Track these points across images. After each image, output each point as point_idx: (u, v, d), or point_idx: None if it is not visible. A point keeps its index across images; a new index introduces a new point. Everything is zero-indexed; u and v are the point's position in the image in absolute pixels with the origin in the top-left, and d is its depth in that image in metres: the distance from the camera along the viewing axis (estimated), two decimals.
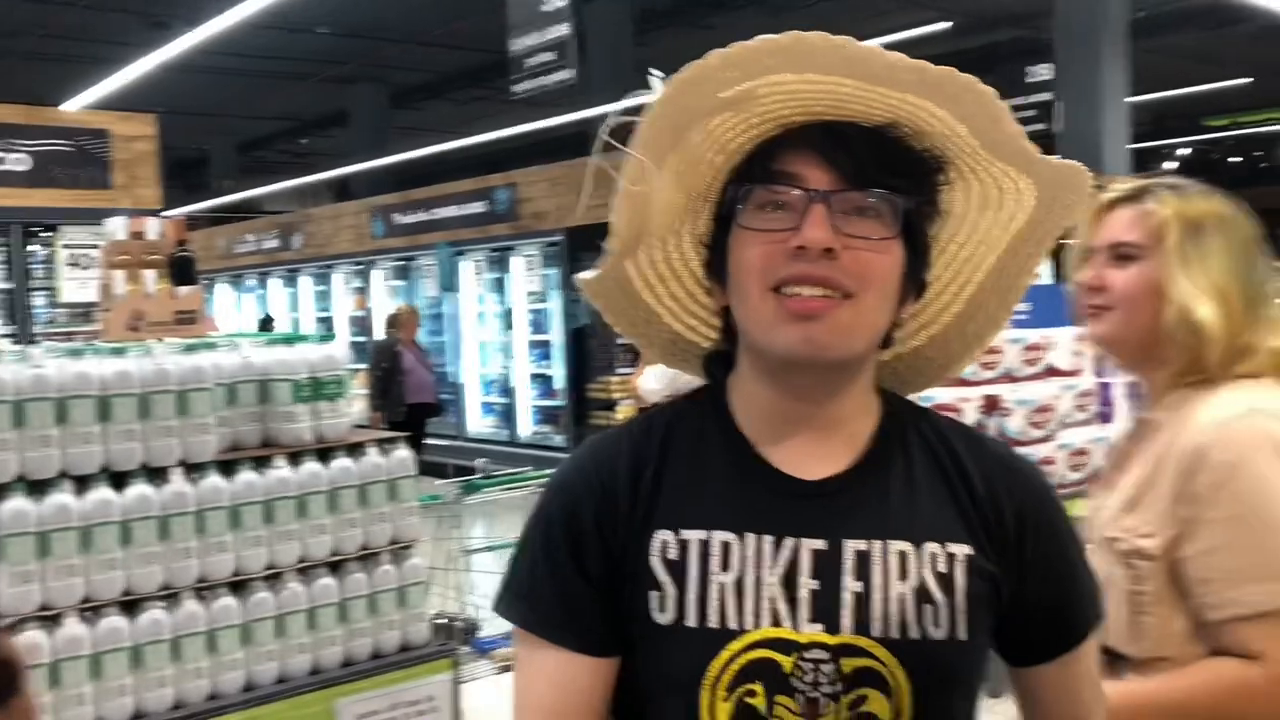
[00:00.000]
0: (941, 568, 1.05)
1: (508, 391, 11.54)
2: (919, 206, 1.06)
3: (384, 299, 12.72)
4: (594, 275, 1.13)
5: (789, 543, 1.04)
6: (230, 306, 16.22)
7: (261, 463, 3.26)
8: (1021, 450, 2.83)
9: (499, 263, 11.41)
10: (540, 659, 1.08)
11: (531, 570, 1.10)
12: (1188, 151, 24.07)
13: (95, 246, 5.18)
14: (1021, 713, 1.18)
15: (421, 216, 12.56)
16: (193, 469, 3.14)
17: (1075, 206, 1.10)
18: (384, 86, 17.30)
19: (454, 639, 3.77)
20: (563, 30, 8.91)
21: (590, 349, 10.16)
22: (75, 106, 10.03)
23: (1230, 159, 25.34)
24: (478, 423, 11.94)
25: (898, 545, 1.05)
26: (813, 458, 1.08)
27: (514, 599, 1.10)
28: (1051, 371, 4.50)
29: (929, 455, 1.11)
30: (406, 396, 9.61)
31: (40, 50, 13.83)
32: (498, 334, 11.69)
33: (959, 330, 1.20)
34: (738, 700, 1.02)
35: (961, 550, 1.06)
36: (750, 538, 1.05)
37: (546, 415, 11.22)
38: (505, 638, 4.28)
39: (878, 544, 1.05)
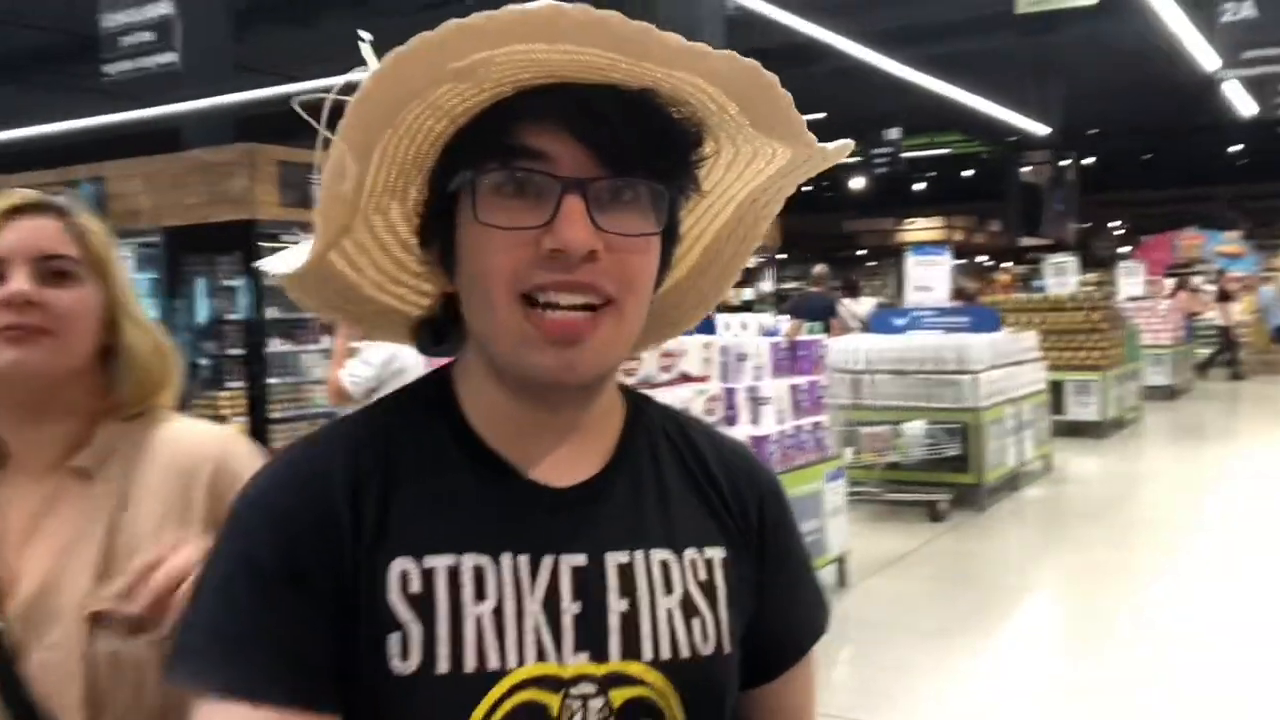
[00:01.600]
0: (703, 575, 0.96)
1: None
2: (682, 190, 0.93)
3: None
4: (286, 269, 0.93)
5: (547, 561, 0.91)
6: None
7: None
8: None
9: None
10: (239, 718, 0.82)
11: (237, 623, 0.84)
12: None
13: None
14: None
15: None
16: None
17: (824, 165, 0.98)
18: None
19: None
20: (164, 9, 8.07)
21: (194, 362, 9.28)
22: None
23: (802, 187, 30.65)
24: None
25: (659, 554, 0.95)
26: (561, 462, 0.95)
27: (215, 663, 0.83)
28: (684, 377, 4.96)
29: (675, 453, 1.02)
30: None
31: None
32: None
33: (693, 283, 1.07)
34: None
35: (718, 554, 0.98)
36: (506, 558, 0.90)
37: None
38: None
39: (639, 554, 0.94)
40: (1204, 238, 25.65)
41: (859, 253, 34.40)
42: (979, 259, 32.26)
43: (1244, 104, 15.87)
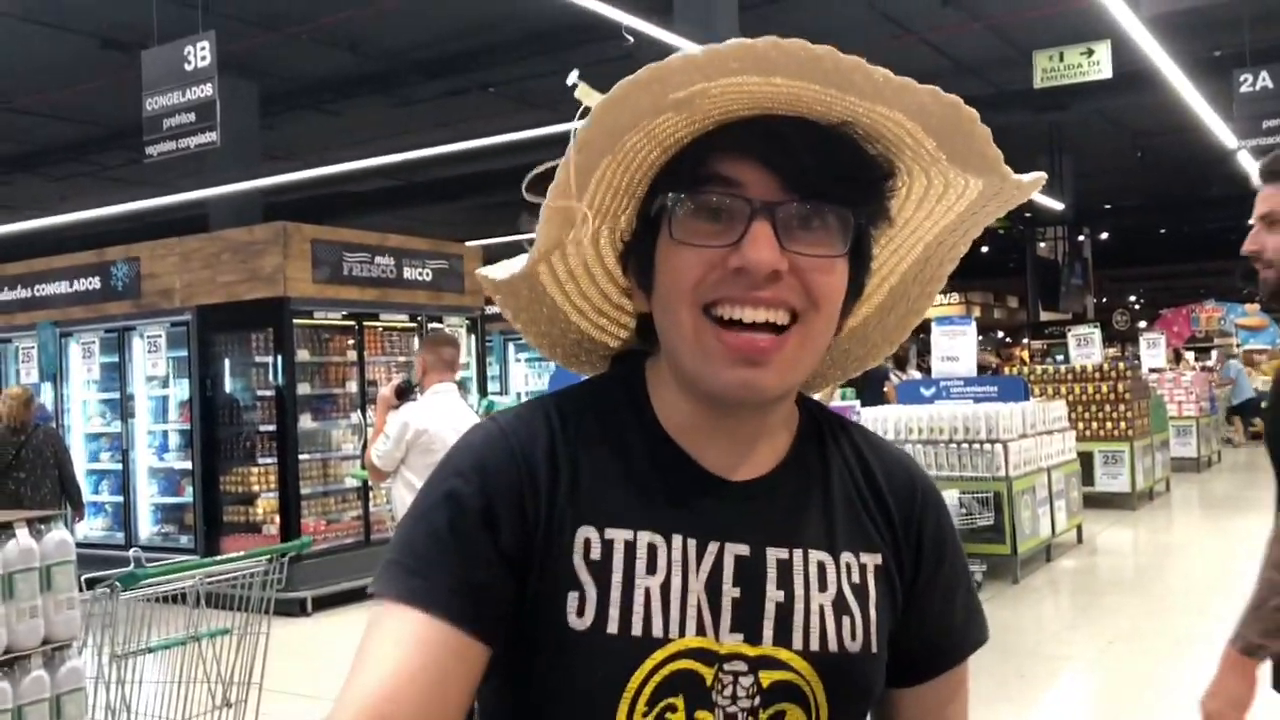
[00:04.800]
0: (856, 579, 1.01)
1: (123, 489, 10.34)
2: (870, 218, 0.97)
3: None
4: (503, 276, 1.01)
5: (713, 546, 0.98)
6: None
7: None
8: None
9: (115, 345, 10.30)
10: (411, 621, 0.89)
11: (433, 547, 0.93)
12: None
13: None
14: None
15: (20, 294, 11.14)
16: None
17: (1014, 203, 1.01)
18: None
19: None
20: (207, 90, 8.31)
21: (226, 438, 9.34)
22: None
23: None
24: (83, 526, 10.58)
25: (817, 555, 1.00)
26: (737, 460, 1.01)
27: (404, 575, 0.92)
28: None
29: (843, 462, 1.07)
30: None
31: None
32: (112, 424, 10.52)
33: (879, 321, 1.13)
34: (657, 716, 0.94)
35: (872, 560, 1.03)
36: (677, 539, 0.97)
37: (170, 514, 10.15)
38: None
39: (798, 552, 1.00)
40: (1223, 310, 25.69)
41: None
42: (997, 334, 32.32)
43: None
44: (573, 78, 0.92)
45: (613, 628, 0.94)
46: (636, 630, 0.94)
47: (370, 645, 0.89)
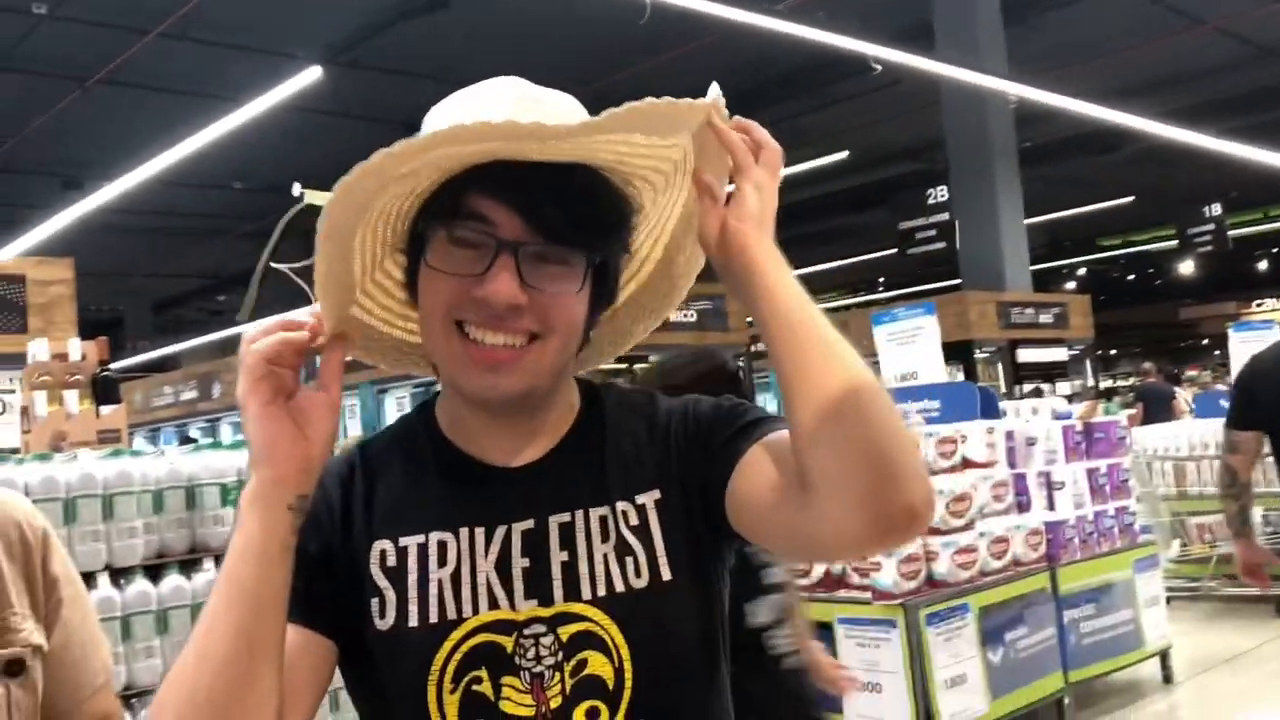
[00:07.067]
0: (635, 520, 1.10)
1: None
2: (611, 255, 1.08)
3: None
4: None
5: (500, 530, 1.08)
6: None
7: (189, 566, 3.25)
8: (944, 539, 4.40)
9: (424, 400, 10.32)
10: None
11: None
12: (1084, 271, 25.72)
13: (12, 392, 4.88)
14: (769, 520, 1.06)
15: (346, 357, 11.54)
16: (119, 573, 3.14)
17: (694, 114, 1.04)
18: (302, 239, 15.63)
19: None
20: None
21: None
22: None
23: (1127, 276, 27.91)
24: None
25: (597, 511, 1.10)
26: (515, 452, 1.12)
27: None
28: (966, 463, 4.83)
29: (619, 427, 1.16)
30: None
31: None
32: None
33: (664, 273, 1.22)
34: (465, 689, 1.04)
35: (650, 497, 1.11)
36: (464, 532, 1.08)
37: None
38: None
39: (579, 513, 1.10)
40: None
41: (1203, 341, 31.20)
42: None
43: None
44: (296, 189, 1.08)
45: (413, 621, 1.05)
46: (433, 618, 1.05)
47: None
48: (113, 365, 5.17)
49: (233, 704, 0.93)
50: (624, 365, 8.41)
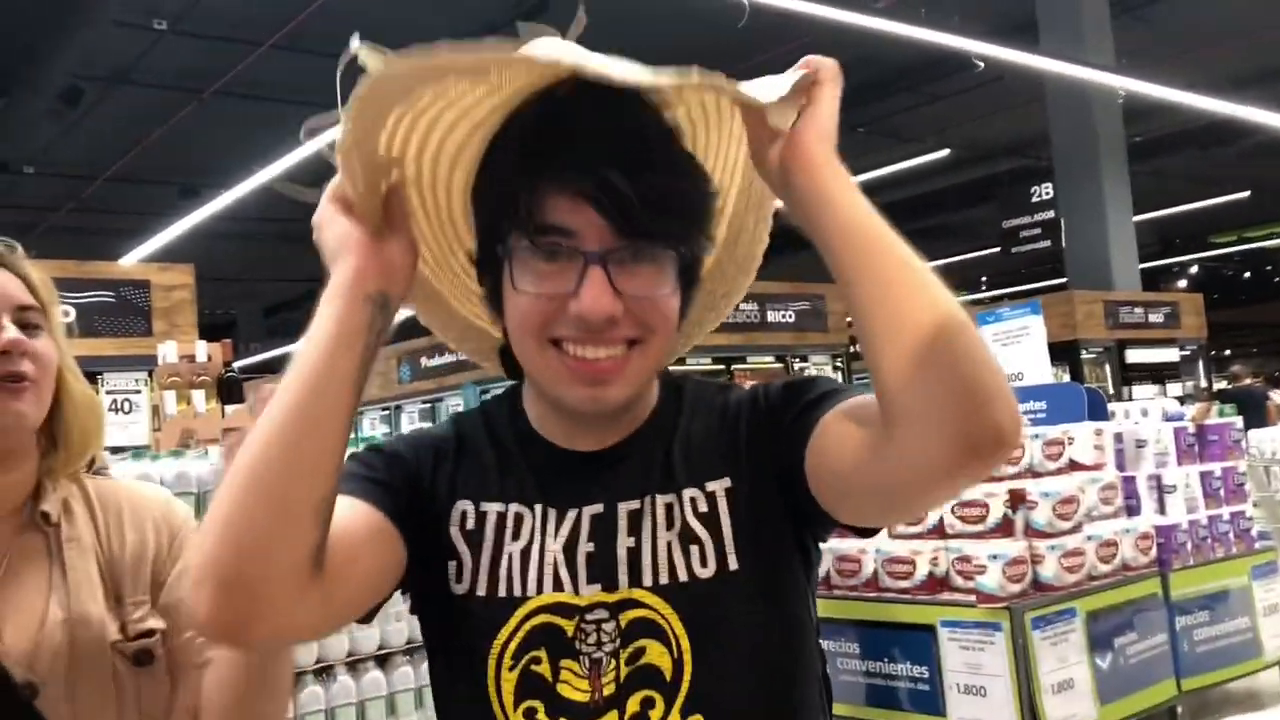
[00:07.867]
0: (704, 508, 1.10)
1: None
2: (700, 246, 1.08)
3: None
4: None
5: (571, 513, 1.10)
6: None
7: None
8: (1050, 542, 4.25)
9: None
10: (344, 500, 1.02)
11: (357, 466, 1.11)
12: (1196, 269, 25.14)
13: (138, 392, 5.08)
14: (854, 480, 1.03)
15: (449, 359, 11.98)
16: None
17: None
18: None
19: None
20: None
21: None
22: None
23: (1242, 275, 26.66)
24: None
25: (664, 499, 1.10)
26: (599, 443, 1.13)
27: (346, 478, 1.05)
28: (1073, 465, 4.66)
29: (692, 415, 1.16)
30: None
31: (75, 224, 14.33)
32: None
33: (729, 255, 1.21)
34: (523, 669, 1.05)
35: (720, 485, 1.11)
36: (539, 509, 1.11)
37: None
38: None
39: (647, 499, 1.10)
40: None
41: None
42: None
43: None
44: (354, 43, 0.95)
45: (481, 591, 1.08)
46: (501, 592, 1.07)
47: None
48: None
49: (276, 478, 0.91)
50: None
